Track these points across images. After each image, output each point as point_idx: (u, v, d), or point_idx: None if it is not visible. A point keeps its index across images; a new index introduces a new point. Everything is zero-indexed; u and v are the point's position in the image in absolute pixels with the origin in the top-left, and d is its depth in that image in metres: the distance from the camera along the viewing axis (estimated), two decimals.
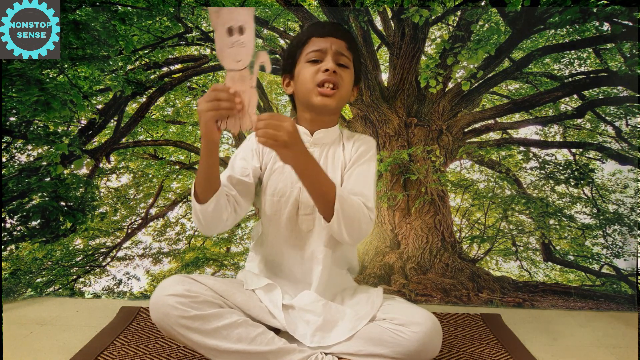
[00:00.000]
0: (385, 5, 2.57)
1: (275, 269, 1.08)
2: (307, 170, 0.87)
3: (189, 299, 0.87)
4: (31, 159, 2.35)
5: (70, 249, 2.62)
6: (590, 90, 2.67)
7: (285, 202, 1.01)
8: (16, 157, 2.33)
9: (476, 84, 2.71)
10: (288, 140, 0.80)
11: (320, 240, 1.01)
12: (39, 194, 2.27)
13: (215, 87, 0.80)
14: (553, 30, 2.58)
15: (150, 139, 3.07)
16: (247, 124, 0.82)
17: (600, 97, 2.65)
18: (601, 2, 2.14)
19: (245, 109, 0.82)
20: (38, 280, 2.38)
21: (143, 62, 2.70)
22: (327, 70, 0.96)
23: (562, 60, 2.78)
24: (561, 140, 2.86)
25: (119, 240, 2.86)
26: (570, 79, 2.70)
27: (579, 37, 2.56)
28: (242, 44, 0.81)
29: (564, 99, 2.72)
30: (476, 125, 2.85)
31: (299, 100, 1.04)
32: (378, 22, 2.85)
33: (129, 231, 2.93)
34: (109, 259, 2.80)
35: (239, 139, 2.95)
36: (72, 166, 2.45)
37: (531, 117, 2.81)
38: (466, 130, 2.84)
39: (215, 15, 0.80)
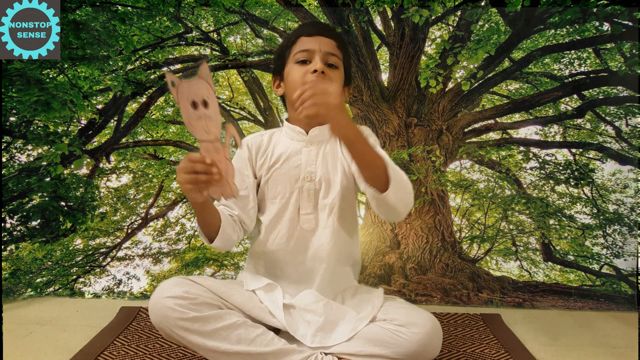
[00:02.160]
0: (385, 5, 2.56)
1: (275, 270, 1.08)
2: (356, 138, 0.83)
3: (187, 301, 0.87)
4: (31, 159, 2.34)
5: (70, 249, 2.62)
6: (590, 90, 2.67)
7: (285, 203, 1.01)
8: (16, 157, 2.33)
9: (476, 84, 2.71)
10: (339, 104, 0.75)
11: (324, 238, 1.01)
12: (39, 194, 2.27)
13: (191, 157, 0.75)
14: (553, 30, 2.58)
15: (150, 139, 3.07)
16: (228, 192, 0.79)
17: (600, 97, 2.65)
18: (601, 2, 2.14)
19: (224, 178, 0.78)
20: (38, 280, 2.38)
21: (143, 62, 2.69)
22: (315, 71, 0.94)
23: (562, 60, 2.77)
24: (561, 140, 2.86)
25: (119, 240, 2.86)
26: (570, 79, 2.70)
27: (579, 37, 2.56)
28: (208, 117, 0.75)
29: (564, 99, 2.72)
30: (476, 125, 2.85)
31: (290, 102, 1.03)
32: (378, 22, 2.85)
33: (129, 231, 2.93)
34: (109, 259, 2.80)
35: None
36: (72, 166, 2.45)
37: (531, 117, 2.81)
38: (466, 130, 2.83)
39: (175, 91, 0.73)
